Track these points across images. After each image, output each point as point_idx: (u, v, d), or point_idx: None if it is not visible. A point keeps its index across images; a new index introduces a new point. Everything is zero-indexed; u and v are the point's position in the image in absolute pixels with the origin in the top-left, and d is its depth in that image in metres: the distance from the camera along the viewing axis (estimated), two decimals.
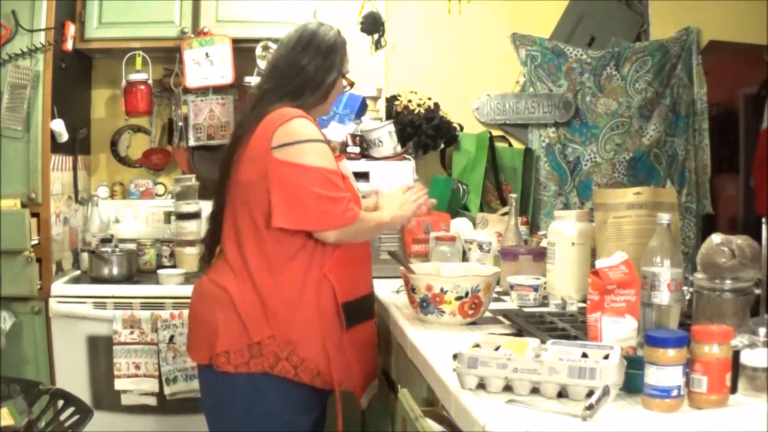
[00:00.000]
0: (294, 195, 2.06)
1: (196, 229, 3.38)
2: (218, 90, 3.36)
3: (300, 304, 2.09)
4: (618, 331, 1.59)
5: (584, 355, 1.44)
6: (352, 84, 2.41)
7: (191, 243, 3.36)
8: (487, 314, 2.18)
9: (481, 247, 2.80)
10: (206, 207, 3.38)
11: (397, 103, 3.46)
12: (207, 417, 2.24)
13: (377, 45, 3.38)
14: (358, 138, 3.09)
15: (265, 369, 2.08)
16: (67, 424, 2.37)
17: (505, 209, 3.08)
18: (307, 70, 2.23)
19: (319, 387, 2.13)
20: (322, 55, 2.25)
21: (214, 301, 2.13)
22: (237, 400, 2.10)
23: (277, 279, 2.10)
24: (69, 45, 3.10)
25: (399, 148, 3.15)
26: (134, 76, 3.28)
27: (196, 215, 3.38)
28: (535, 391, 1.44)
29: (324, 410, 2.27)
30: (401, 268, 2.19)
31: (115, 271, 3.11)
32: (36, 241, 2.92)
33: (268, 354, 2.07)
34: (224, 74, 3.23)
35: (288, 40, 2.28)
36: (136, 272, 3.22)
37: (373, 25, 3.35)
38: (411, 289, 2.14)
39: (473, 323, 2.12)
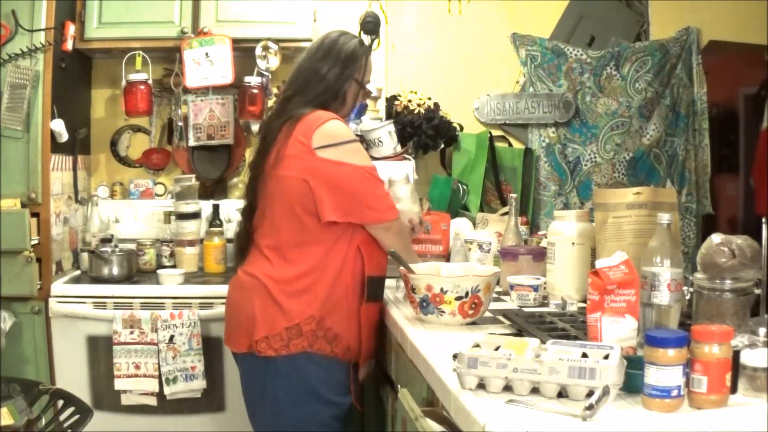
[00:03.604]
0: (343, 191, 2.23)
1: (196, 229, 3.38)
2: (218, 90, 3.36)
3: (335, 284, 2.26)
4: (618, 331, 1.59)
5: (584, 355, 1.44)
6: (368, 94, 2.51)
7: (191, 243, 3.36)
8: (487, 314, 2.19)
9: (481, 247, 2.80)
10: (206, 207, 3.42)
11: (397, 103, 3.46)
12: (249, 403, 2.36)
13: (371, 45, 3.38)
14: (358, 138, 3.09)
15: (305, 348, 2.22)
16: (66, 424, 2.36)
17: (505, 209, 3.08)
18: (327, 78, 2.36)
19: (349, 360, 2.30)
20: (342, 63, 2.37)
21: (252, 291, 2.27)
22: (279, 382, 2.24)
23: (315, 262, 2.24)
24: (69, 45, 3.10)
25: (399, 148, 3.15)
26: (134, 76, 3.27)
27: (196, 215, 3.39)
28: (535, 391, 1.44)
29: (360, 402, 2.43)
30: (401, 268, 2.20)
31: (115, 271, 3.11)
32: (36, 241, 2.92)
33: (308, 333, 2.22)
34: (224, 74, 3.23)
35: (310, 48, 2.43)
36: (136, 272, 3.22)
37: (374, 25, 3.35)
38: (411, 289, 2.14)
39: (473, 323, 2.12)
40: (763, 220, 1.76)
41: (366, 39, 3.35)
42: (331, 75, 2.35)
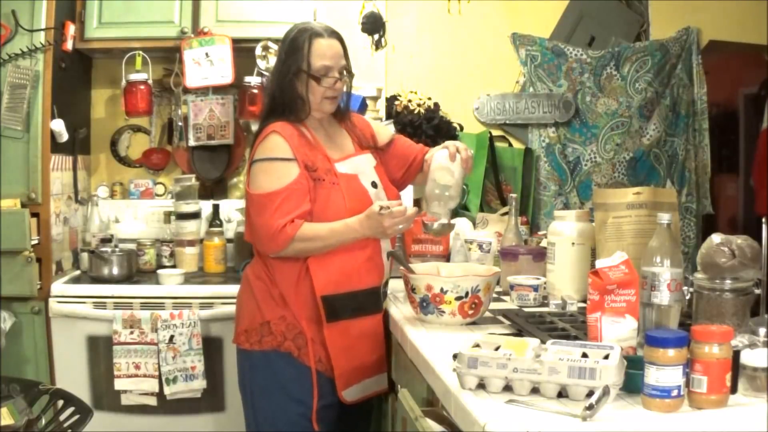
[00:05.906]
0: (248, 217, 2.28)
1: (196, 229, 3.38)
2: (218, 90, 3.36)
3: (296, 291, 2.24)
4: (618, 331, 1.59)
5: (584, 355, 1.44)
6: (318, 79, 2.21)
7: (191, 243, 3.36)
8: (487, 314, 2.19)
9: (481, 247, 2.80)
10: (206, 207, 3.42)
11: (397, 103, 3.46)
12: (241, 394, 2.40)
13: (377, 45, 3.39)
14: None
15: (275, 347, 2.25)
16: (66, 424, 2.37)
17: (505, 209, 3.08)
18: (274, 81, 2.29)
19: (322, 371, 2.25)
20: (284, 59, 2.26)
21: (243, 287, 2.39)
22: (255, 375, 2.29)
23: (279, 267, 2.25)
24: (69, 45, 3.10)
25: None
26: (134, 76, 3.27)
27: (195, 215, 3.39)
28: (535, 391, 1.44)
29: (355, 413, 2.38)
30: (401, 268, 2.20)
31: (115, 271, 3.11)
32: (36, 241, 2.92)
33: (277, 333, 2.25)
34: (224, 74, 3.23)
35: None
36: (135, 272, 3.22)
37: (373, 25, 3.35)
38: (411, 289, 2.14)
39: (473, 323, 2.12)
40: (763, 220, 1.76)
41: (371, 39, 3.38)
42: (276, 74, 2.27)
